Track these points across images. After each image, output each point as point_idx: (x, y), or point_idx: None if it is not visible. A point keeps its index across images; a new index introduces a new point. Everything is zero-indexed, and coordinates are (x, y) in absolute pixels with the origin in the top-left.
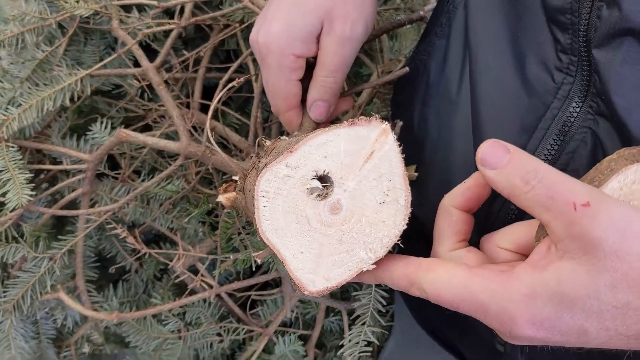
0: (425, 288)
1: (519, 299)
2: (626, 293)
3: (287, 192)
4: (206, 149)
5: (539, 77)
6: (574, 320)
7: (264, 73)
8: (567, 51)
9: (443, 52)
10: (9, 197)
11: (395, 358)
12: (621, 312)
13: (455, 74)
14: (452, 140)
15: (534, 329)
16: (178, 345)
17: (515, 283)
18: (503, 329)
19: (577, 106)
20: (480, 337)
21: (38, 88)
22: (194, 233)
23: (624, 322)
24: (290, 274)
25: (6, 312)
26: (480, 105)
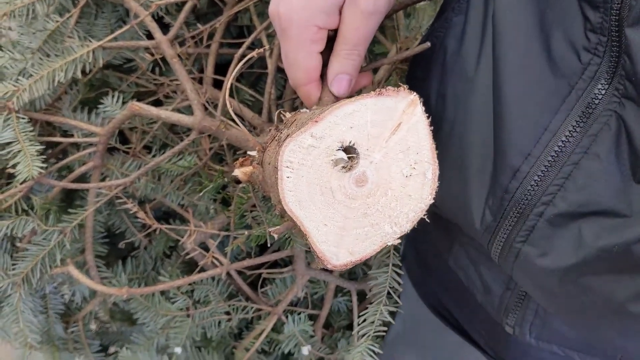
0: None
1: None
2: None
3: (311, 163)
4: (221, 123)
5: (565, 57)
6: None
7: (284, 45)
8: (597, 30)
9: (461, 29)
10: (20, 169)
11: (402, 340)
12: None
13: (473, 52)
14: (468, 118)
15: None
16: (186, 323)
17: None
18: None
19: (603, 88)
20: (487, 317)
21: (49, 59)
22: (205, 210)
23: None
24: (314, 247)
25: (15, 285)
26: (504, 83)
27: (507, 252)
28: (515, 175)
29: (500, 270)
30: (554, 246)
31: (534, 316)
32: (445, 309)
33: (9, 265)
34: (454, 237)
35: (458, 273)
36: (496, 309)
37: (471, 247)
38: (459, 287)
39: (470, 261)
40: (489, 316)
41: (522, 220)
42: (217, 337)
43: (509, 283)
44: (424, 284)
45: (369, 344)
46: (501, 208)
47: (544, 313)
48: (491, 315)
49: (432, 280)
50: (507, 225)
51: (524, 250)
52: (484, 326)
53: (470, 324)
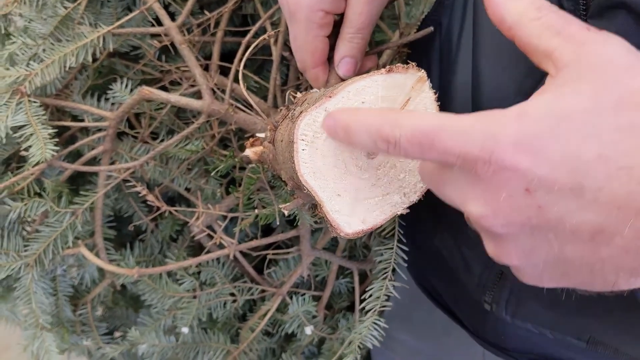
0: (403, 121)
1: (508, 118)
2: (633, 112)
3: (325, 136)
4: (229, 106)
5: None
6: (567, 143)
7: (292, 29)
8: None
9: (449, 13)
10: (33, 152)
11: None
12: (625, 136)
13: (455, 34)
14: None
15: (518, 152)
16: (193, 304)
17: (506, 110)
18: (483, 154)
19: None
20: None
21: (60, 44)
22: (212, 194)
23: (627, 151)
24: (327, 216)
25: (27, 266)
26: (482, 66)
27: None
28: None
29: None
30: None
31: (510, 294)
32: (433, 288)
33: (21, 247)
34: (439, 216)
35: (443, 252)
36: (475, 286)
37: (455, 227)
38: (444, 267)
39: (454, 241)
40: (470, 295)
41: None
42: (222, 318)
43: (487, 262)
44: (413, 263)
45: (375, 318)
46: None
47: (518, 291)
48: (472, 294)
49: (421, 260)
50: None
51: None
52: (467, 304)
53: (456, 303)
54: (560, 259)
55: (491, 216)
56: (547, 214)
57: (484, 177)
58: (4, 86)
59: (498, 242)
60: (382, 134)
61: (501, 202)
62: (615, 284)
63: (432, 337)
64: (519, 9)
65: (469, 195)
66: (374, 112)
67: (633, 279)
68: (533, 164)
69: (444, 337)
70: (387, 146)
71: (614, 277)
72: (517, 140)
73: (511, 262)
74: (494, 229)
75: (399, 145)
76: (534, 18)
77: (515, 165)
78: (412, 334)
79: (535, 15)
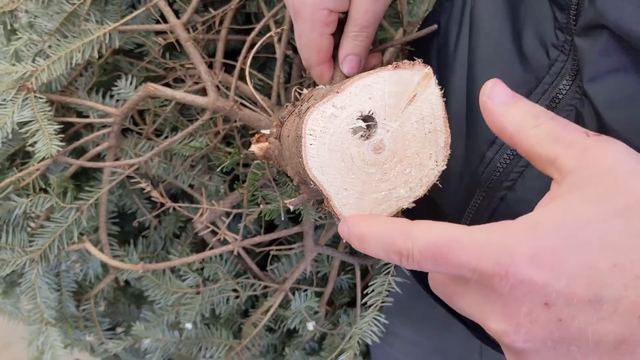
0: (416, 233)
1: (521, 231)
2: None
3: (333, 131)
4: (234, 103)
5: (535, 52)
6: (582, 255)
7: (297, 27)
8: (564, 30)
9: (448, 13)
10: (38, 147)
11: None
12: (638, 244)
13: (453, 35)
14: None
15: (534, 266)
16: (196, 300)
17: (517, 221)
18: (500, 269)
19: (567, 84)
20: None
21: (67, 40)
22: (215, 191)
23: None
24: (335, 210)
25: (32, 261)
26: (476, 70)
27: None
28: (482, 160)
29: None
30: None
31: None
32: None
33: (26, 243)
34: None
35: None
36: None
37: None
38: None
39: None
40: None
41: (487, 201)
42: (225, 314)
43: None
44: None
45: (376, 314)
46: (469, 188)
47: None
48: None
49: None
50: (472, 205)
51: None
52: None
53: None
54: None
55: (512, 333)
56: (568, 327)
57: (502, 293)
58: (11, 82)
59: (521, 357)
60: (395, 247)
61: (521, 318)
62: None
63: (431, 332)
64: (518, 119)
65: (488, 311)
66: (388, 222)
67: None
68: (551, 278)
69: (443, 332)
70: (400, 259)
71: None
72: (533, 254)
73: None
74: (516, 344)
75: (412, 258)
76: (533, 126)
77: (533, 279)
78: (411, 329)
79: (533, 123)
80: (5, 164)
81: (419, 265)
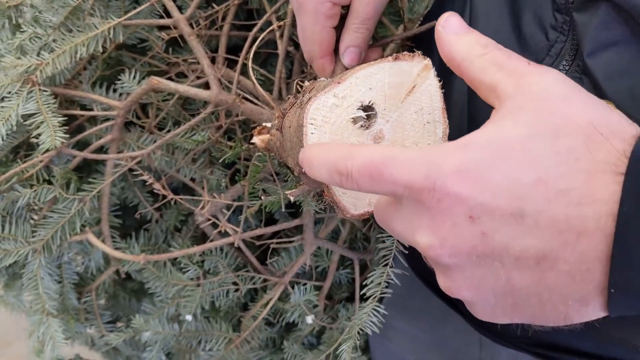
0: (355, 154)
1: (451, 149)
2: (570, 138)
3: (333, 121)
4: (236, 97)
5: (534, 34)
6: (507, 170)
7: (300, 20)
8: (562, 10)
9: (451, 6)
10: (43, 139)
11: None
12: (562, 160)
13: None
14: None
15: (460, 180)
16: (197, 292)
17: (450, 142)
18: (428, 183)
19: (567, 64)
20: None
21: (71, 34)
22: (216, 184)
23: (565, 174)
24: (335, 198)
25: (35, 252)
26: None
27: None
28: None
29: None
30: None
31: None
32: (430, 275)
33: (29, 234)
34: None
35: None
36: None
37: None
38: None
39: None
40: None
41: None
42: (225, 307)
43: None
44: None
45: (375, 305)
46: None
47: None
48: None
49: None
50: None
51: None
52: None
53: None
54: (508, 290)
55: (438, 246)
56: (491, 241)
57: (430, 206)
58: (16, 75)
59: (448, 275)
60: (337, 167)
61: (447, 231)
62: (566, 316)
63: (429, 324)
64: (466, 47)
65: (416, 225)
66: (333, 147)
67: (584, 308)
68: (475, 191)
69: (441, 324)
70: (341, 179)
71: (564, 307)
72: (460, 168)
73: (462, 295)
74: (442, 259)
75: (351, 177)
76: (479, 55)
77: (459, 192)
78: (409, 322)
79: (480, 52)
80: (10, 155)
81: (357, 184)
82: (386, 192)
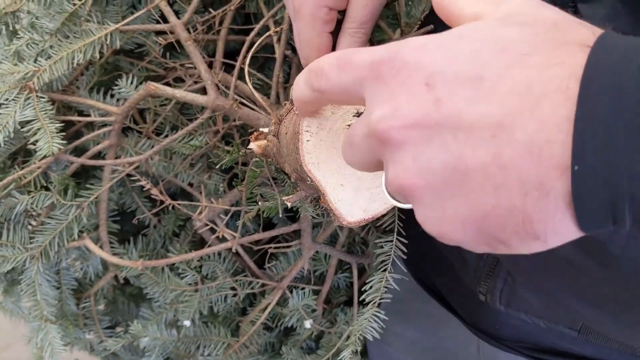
0: (326, 55)
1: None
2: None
3: (329, 128)
4: (233, 102)
5: None
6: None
7: (297, 25)
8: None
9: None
10: (40, 146)
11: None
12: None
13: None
14: None
15: (422, 51)
16: (195, 298)
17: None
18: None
19: None
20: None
21: (68, 41)
22: (214, 189)
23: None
24: (331, 205)
25: (33, 258)
26: None
27: None
28: None
29: None
30: None
31: (504, 284)
32: (428, 280)
33: (27, 240)
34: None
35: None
36: (470, 278)
37: None
38: (440, 259)
39: None
40: (465, 286)
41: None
42: (223, 312)
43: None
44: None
45: (375, 310)
46: None
47: (512, 282)
48: (467, 285)
49: (416, 252)
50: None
51: None
52: (462, 295)
53: (451, 294)
54: (460, 172)
55: (389, 116)
56: (444, 108)
57: (388, 80)
58: (13, 82)
59: (396, 158)
60: (310, 68)
61: (401, 100)
62: (524, 217)
63: (428, 328)
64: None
65: (374, 105)
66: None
67: (544, 202)
68: (434, 59)
69: (440, 329)
70: (314, 78)
71: (521, 199)
72: (422, 42)
73: (410, 182)
74: (392, 133)
75: (322, 72)
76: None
77: (418, 61)
78: (408, 326)
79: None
80: (7, 162)
81: (327, 77)
82: (352, 80)
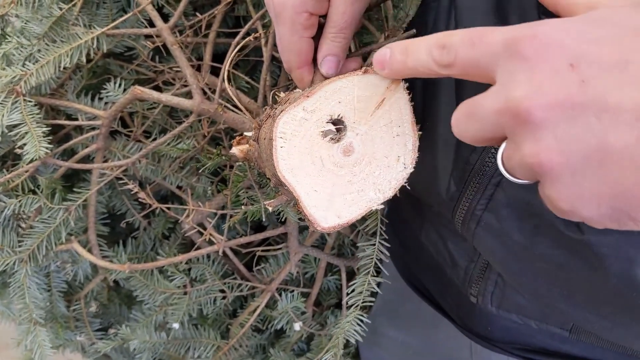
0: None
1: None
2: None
3: (303, 134)
4: (218, 106)
5: None
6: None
7: (279, 30)
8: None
9: (434, 14)
10: (27, 149)
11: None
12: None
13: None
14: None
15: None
16: (184, 300)
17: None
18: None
19: None
20: (456, 289)
21: (55, 44)
22: (203, 192)
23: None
24: (305, 211)
25: (21, 261)
26: None
27: (469, 219)
28: (474, 149)
29: (465, 245)
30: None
31: (494, 287)
32: (420, 283)
33: (15, 243)
34: (424, 214)
35: (429, 248)
36: (462, 280)
37: (439, 223)
38: (431, 262)
39: (438, 237)
40: (457, 288)
41: (482, 189)
42: (212, 314)
43: (472, 256)
44: (401, 258)
45: (358, 313)
46: (463, 178)
47: (503, 284)
48: (458, 287)
49: (407, 256)
50: (469, 194)
51: (484, 217)
52: (454, 298)
53: (442, 296)
54: (602, 151)
55: (533, 93)
56: (589, 90)
57: (529, 56)
58: (1, 85)
59: (537, 136)
60: (438, 42)
61: (545, 78)
62: None
63: (420, 331)
64: None
65: (513, 84)
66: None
67: None
68: (579, 39)
69: (432, 331)
70: (441, 53)
71: None
72: (564, 24)
73: (551, 160)
74: (535, 111)
75: (452, 46)
76: None
77: (562, 39)
78: (400, 329)
79: None
80: None
81: (456, 53)
82: (484, 56)
